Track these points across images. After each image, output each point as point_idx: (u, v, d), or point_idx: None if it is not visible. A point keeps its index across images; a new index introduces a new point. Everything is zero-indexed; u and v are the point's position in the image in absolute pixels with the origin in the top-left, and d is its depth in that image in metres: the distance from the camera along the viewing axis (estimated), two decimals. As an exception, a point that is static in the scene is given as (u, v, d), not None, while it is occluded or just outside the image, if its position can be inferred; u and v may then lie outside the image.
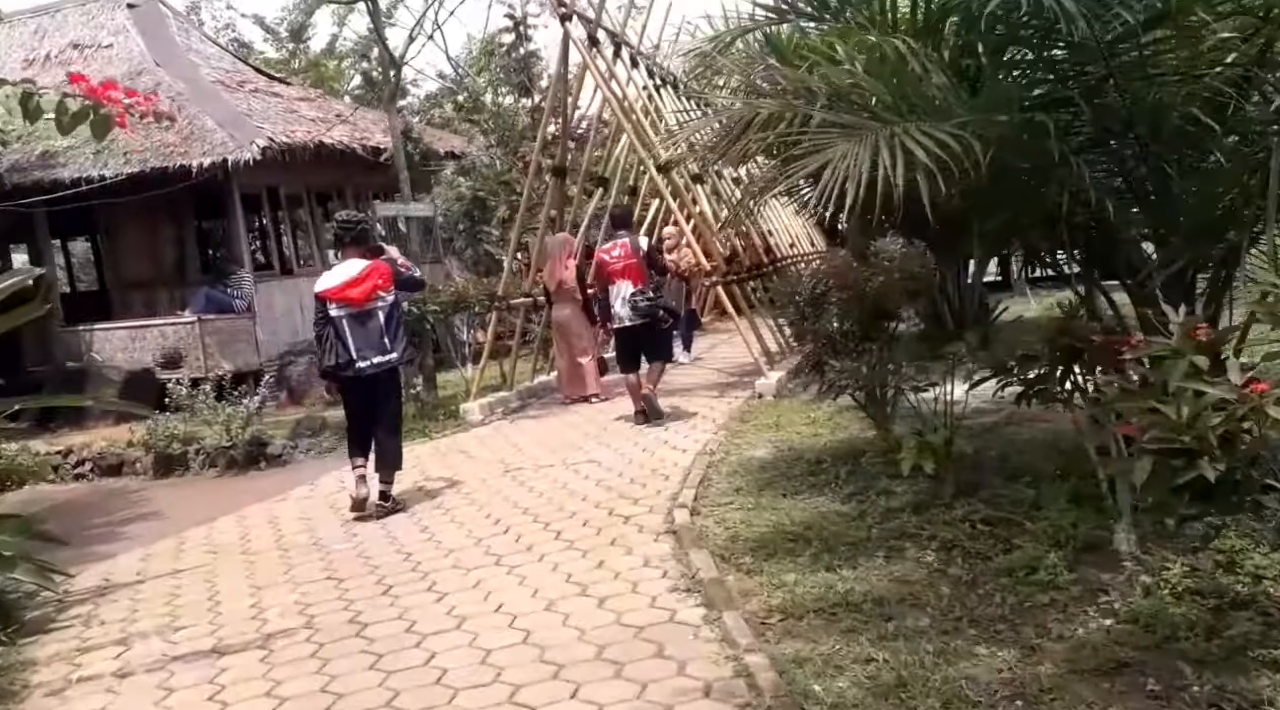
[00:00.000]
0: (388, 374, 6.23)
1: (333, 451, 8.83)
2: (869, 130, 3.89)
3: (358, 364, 6.05)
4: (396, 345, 6.16)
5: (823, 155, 3.87)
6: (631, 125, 9.22)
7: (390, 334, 6.11)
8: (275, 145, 12.63)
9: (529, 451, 7.71)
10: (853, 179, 3.67)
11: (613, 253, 8.25)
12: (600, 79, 9.00)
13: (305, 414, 10.27)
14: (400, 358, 6.24)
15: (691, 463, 6.55)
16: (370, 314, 6.08)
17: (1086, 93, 4.12)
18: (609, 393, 9.65)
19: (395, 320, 6.18)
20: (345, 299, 6.07)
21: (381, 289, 6.15)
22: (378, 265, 6.21)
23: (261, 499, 7.43)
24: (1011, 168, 3.92)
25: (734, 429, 7.38)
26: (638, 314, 7.95)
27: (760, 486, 5.79)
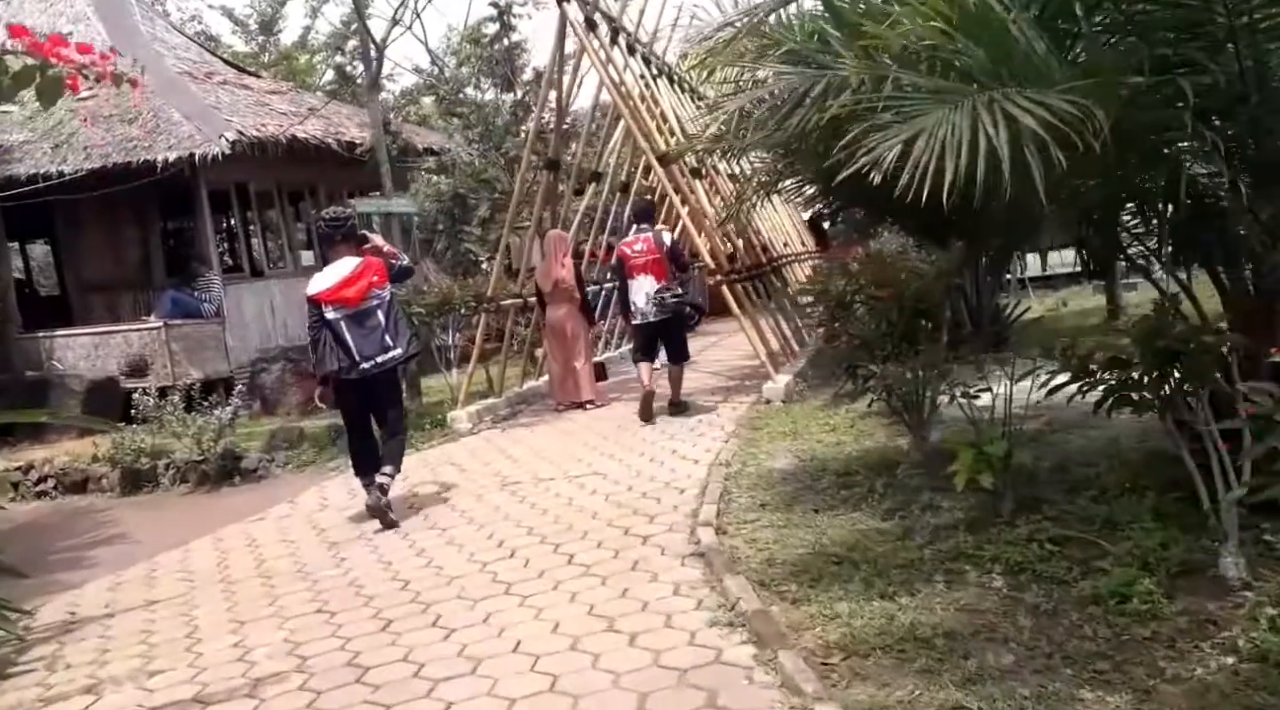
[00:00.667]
0: (389, 372, 5.97)
1: (311, 464, 8.27)
2: (962, 95, 3.42)
3: (361, 365, 5.79)
4: (399, 340, 5.91)
5: (913, 124, 3.39)
6: (629, 110, 8.73)
7: (391, 330, 5.87)
8: (245, 139, 12.01)
9: (526, 463, 7.20)
10: (952, 151, 3.20)
11: (635, 247, 8.07)
12: (598, 62, 8.51)
13: (280, 424, 9.69)
14: (405, 353, 5.99)
15: (707, 475, 6.08)
16: (368, 313, 5.83)
17: (1205, 53, 3.68)
18: (604, 399, 9.17)
19: (394, 315, 5.94)
20: (340, 300, 5.81)
21: (377, 286, 5.88)
22: (370, 261, 5.93)
23: (238, 518, 6.87)
24: (1124, 139, 3.43)
25: (746, 437, 6.92)
26: (663, 310, 7.87)
27: (787, 501, 5.33)
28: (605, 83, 8.64)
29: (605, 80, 8.62)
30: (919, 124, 3.37)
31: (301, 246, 15.44)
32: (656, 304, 7.92)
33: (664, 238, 8.30)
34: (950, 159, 3.19)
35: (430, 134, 16.78)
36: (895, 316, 4.95)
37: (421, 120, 20.19)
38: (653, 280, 7.97)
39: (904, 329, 5.02)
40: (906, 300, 4.99)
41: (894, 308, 4.95)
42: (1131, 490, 4.40)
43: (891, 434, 6.31)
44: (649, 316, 8.00)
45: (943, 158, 3.20)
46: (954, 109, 3.34)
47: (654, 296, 7.92)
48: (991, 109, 3.26)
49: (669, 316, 8.01)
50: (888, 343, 5.03)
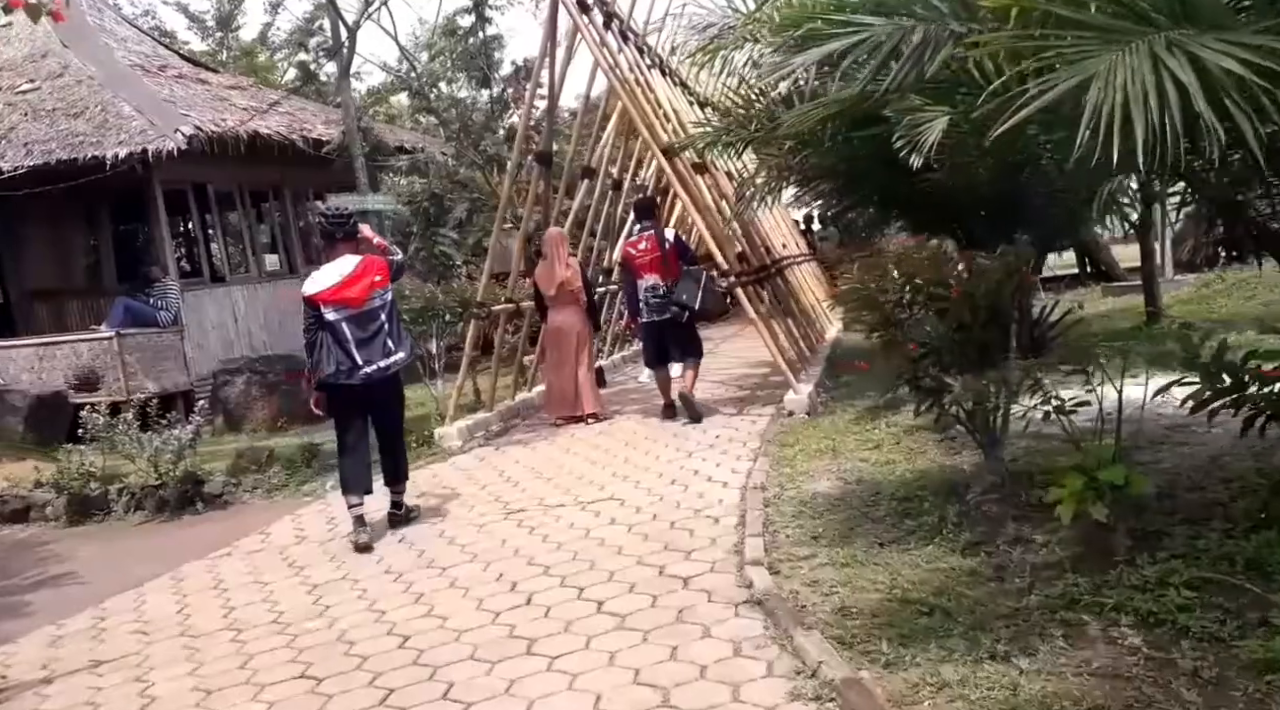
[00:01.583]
0: (391, 378, 5.67)
1: (283, 489, 7.44)
2: (1136, 36, 2.74)
3: (364, 369, 5.50)
4: (401, 344, 5.66)
5: (1075, 69, 2.71)
6: (628, 96, 8.01)
7: (394, 332, 5.62)
8: (202, 135, 11.17)
9: (529, 487, 6.45)
10: (1137, 102, 2.52)
11: (639, 246, 7.94)
12: (593, 45, 7.78)
13: (248, 443, 8.84)
14: (407, 357, 5.72)
15: (742, 500, 5.38)
16: (371, 314, 5.54)
17: None
18: (606, 411, 8.44)
19: (395, 317, 5.70)
20: (342, 300, 5.51)
21: (379, 286, 5.60)
22: (371, 260, 5.65)
23: (201, 552, 6.05)
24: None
25: (777, 455, 6.22)
26: (667, 308, 7.74)
27: (843, 532, 4.64)
28: (602, 65, 7.92)
29: (602, 63, 7.89)
30: (1085, 69, 2.68)
31: (265, 250, 14.54)
32: (657, 302, 7.84)
33: (666, 234, 8.09)
34: (1138, 111, 2.51)
35: (403, 132, 15.94)
36: (968, 320, 4.27)
37: (390, 119, 19.32)
38: (658, 278, 7.84)
39: (979, 335, 4.34)
40: (979, 301, 4.31)
41: (964, 310, 4.26)
42: (1267, 523, 3.76)
43: (944, 452, 5.65)
44: (654, 315, 7.89)
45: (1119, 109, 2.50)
46: (1128, 52, 2.66)
47: (657, 294, 7.84)
48: (1173, 53, 2.59)
49: (671, 315, 7.83)
50: (961, 350, 4.35)
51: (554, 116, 8.17)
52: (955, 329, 4.25)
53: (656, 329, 7.94)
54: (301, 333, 5.80)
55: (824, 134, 7.73)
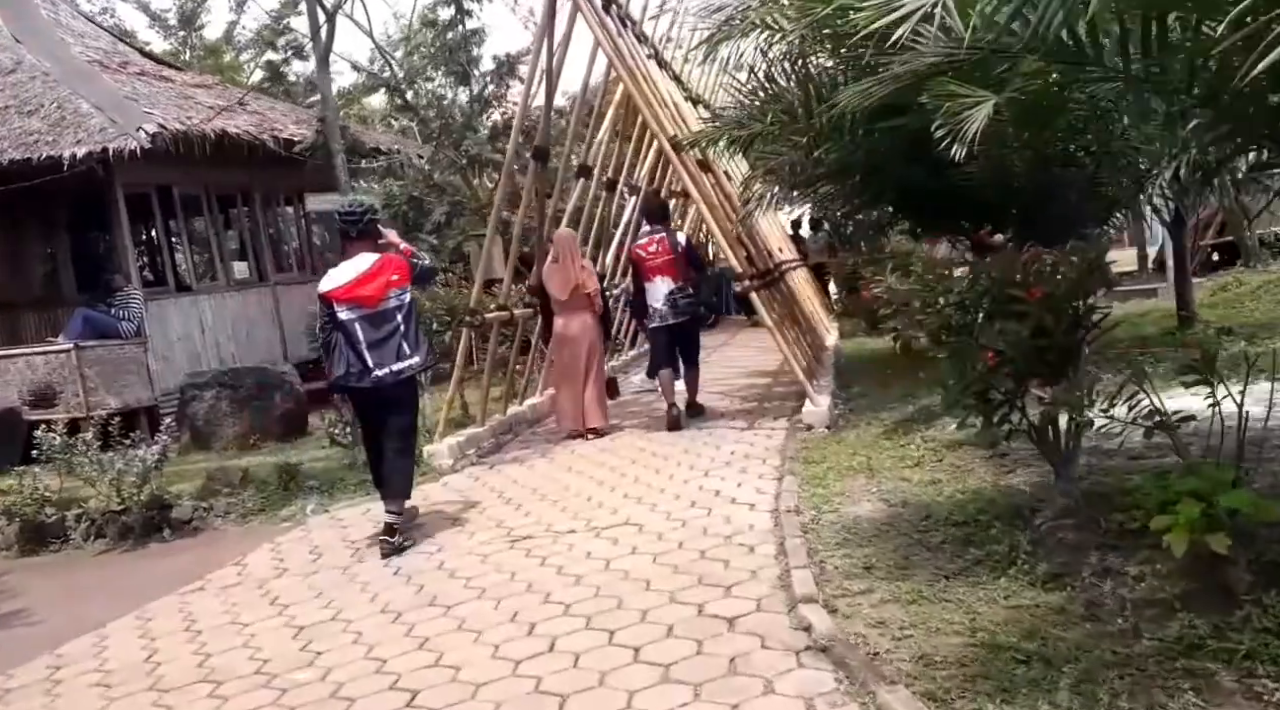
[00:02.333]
0: (404, 383, 5.45)
1: (259, 514, 6.82)
2: None
3: (375, 373, 5.33)
4: (417, 348, 5.45)
5: None
6: (634, 84, 7.50)
7: (409, 336, 5.41)
8: (167, 133, 10.49)
9: (532, 510, 5.90)
10: None
11: (649, 249, 7.77)
12: (595, 25, 7.25)
13: (218, 463, 8.20)
14: (422, 362, 5.51)
15: (776, 525, 4.87)
16: (385, 315, 5.37)
17: None
18: (608, 426, 7.91)
19: (413, 320, 5.49)
20: (356, 299, 5.37)
21: (396, 286, 5.42)
22: (390, 259, 5.47)
23: (170, 587, 5.44)
24: None
25: (805, 474, 5.72)
26: (678, 312, 7.68)
27: (898, 563, 4.15)
28: (603, 46, 7.38)
29: (603, 44, 7.36)
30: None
31: (234, 257, 13.84)
32: (671, 305, 7.70)
33: (679, 237, 8.06)
34: None
35: (377, 133, 15.33)
36: (1049, 324, 3.80)
37: (362, 122, 18.68)
38: (669, 281, 7.72)
39: (1062, 340, 3.87)
40: (1061, 302, 3.85)
41: (1045, 313, 3.80)
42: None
43: (995, 470, 5.18)
44: (667, 319, 7.75)
45: None
46: None
47: (668, 298, 7.69)
48: None
49: (685, 318, 7.81)
50: (1040, 358, 3.88)
51: (551, 103, 7.63)
52: (1035, 334, 3.77)
53: (668, 333, 7.82)
54: (317, 331, 5.80)
55: (846, 126, 7.32)
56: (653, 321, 7.85)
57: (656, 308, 7.73)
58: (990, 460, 5.33)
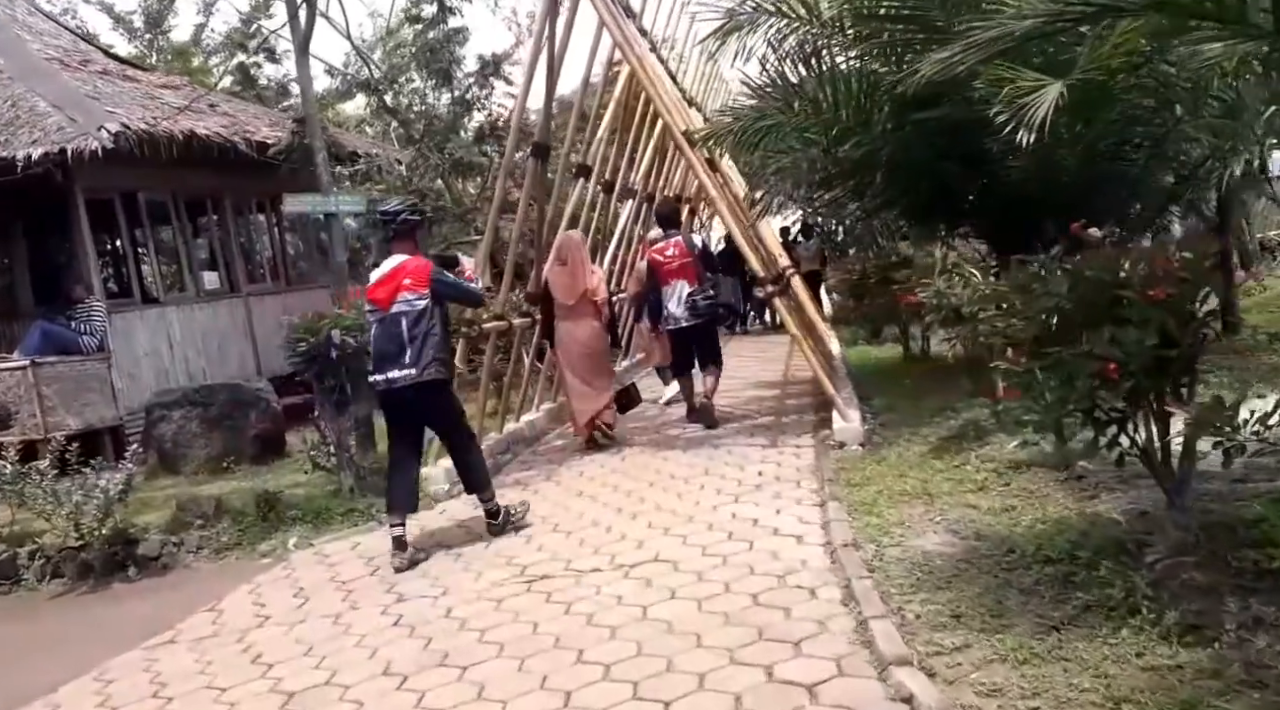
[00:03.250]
0: (421, 391, 5.22)
1: (235, 548, 6.14)
2: None
3: (375, 376, 5.29)
4: (419, 359, 5.16)
5: None
6: (640, 68, 6.91)
7: (415, 345, 5.17)
8: (131, 134, 9.76)
9: (545, 543, 5.27)
10: None
11: (666, 252, 7.66)
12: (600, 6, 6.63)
13: (189, 491, 7.49)
14: (419, 375, 5.17)
15: (833, 563, 4.27)
16: (393, 320, 5.23)
17: None
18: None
19: (422, 329, 5.21)
20: (373, 300, 5.35)
21: (408, 290, 5.21)
22: (408, 262, 5.28)
23: (135, 639, 4.77)
24: None
25: (851, 500, 5.12)
26: (696, 314, 7.62)
27: (991, 609, 3.55)
28: (611, 30, 6.79)
29: (612, 29, 6.77)
30: None
31: (203, 267, 13.05)
32: (689, 308, 7.61)
33: (695, 240, 8.01)
34: None
35: (355, 137, 14.64)
36: (1174, 330, 3.23)
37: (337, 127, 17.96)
38: (685, 285, 7.63)
39: (1187, 349, 3.30)
40: (1185, 305, 3.28)
41: (1170, 318, 3.23)
42: None
43: (1074, 495, 4.61)
44: (683, 321, 7.68)
45: None
46: None
47: (686, 301, 7.60)
48: None
49: (701, 321, 7.73)
50: (1162, 369, 3.31)
51: (552, 96, 7.02)
52: (1159, 344, 3.20)
53: (685, 335, 7.75)
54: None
55: (877, 118, 6.78)
56: (669, 325, 7.79)
57: (673, 311, 7.67)
58: (1064, 483, 4.76)
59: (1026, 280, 3.61)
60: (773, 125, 6.76)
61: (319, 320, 7.01)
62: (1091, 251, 3.61)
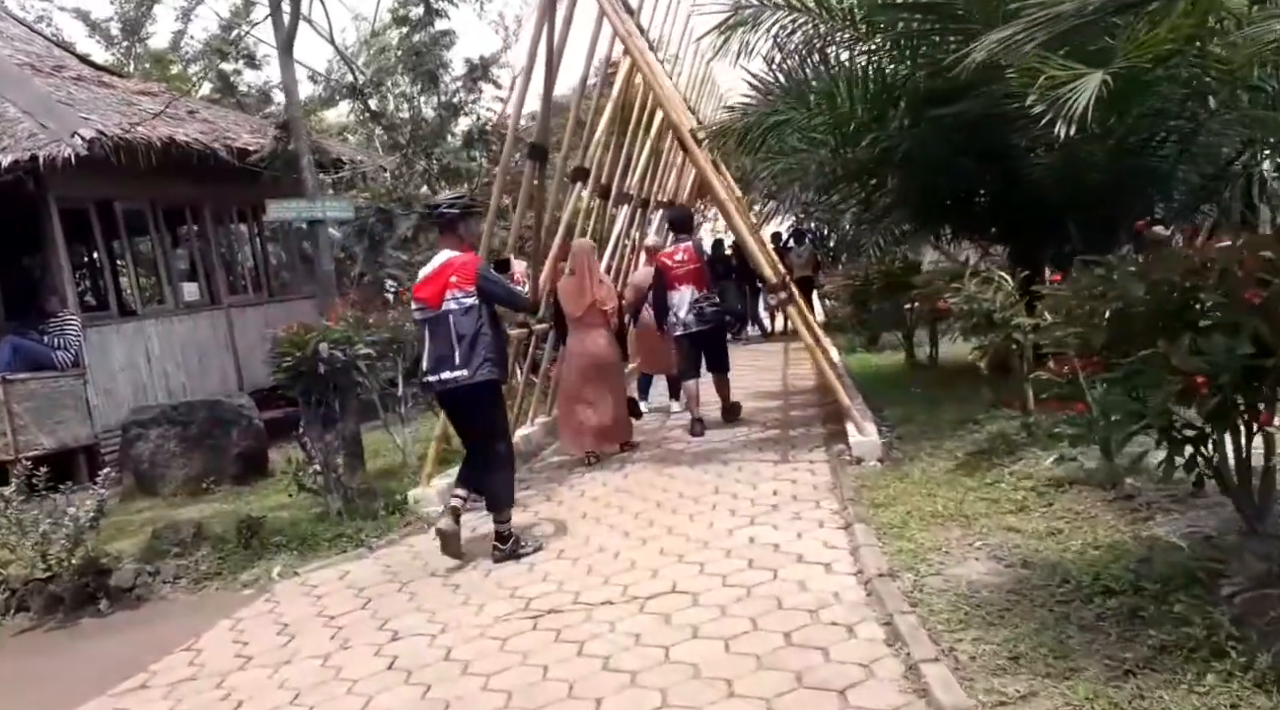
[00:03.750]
0: (467, 392, 5.06)
1: (215, 578, 5.72)
2: None
3: (428, 378, 5.13)
4: (471, 362, 4.98)
5: None
6: (639, 55, 6.57)
7: (465, 345, 4.98)
8: (107, 140, 9.37)
9: (550, 571, 4.89)
10: None
11: (676, 257, 7.67)
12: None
13: (166, 516, 7.07)
14: (471, 376, 5.00)
15: (869, 595, 3.91)
16: (440, 319, 5.05)
17: None
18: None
19: (472, 328, 5.01)
20: (420, 299, 5.19)
21: (455, 287, 5.02)
22: (455, 259, 5.08)
23: (104, 683, 4.37)
24: None
25: (877, 522, 4.77)
26: (703, 320, 7.63)
27: (1054, 649, 3.21)
28: (614, 23, 6.44)
29: (614, 22, 6.42)
30: None
31: (183, 278, 12.61)
32: (696, 314, 7.62)
33: (704, 246, 8.05)
34: None
35: (338, 144, 14.25)
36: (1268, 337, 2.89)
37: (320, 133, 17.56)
38: (694, 290, 7.66)
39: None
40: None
41: (1260, 323, 2.89)
42: None
43: (1123, 516, 4.27)
44: (691, 327, 7.67)
45: None
46: None
47: (693, 306, 7.62)
48: None
49: (709, 326, 7.75)
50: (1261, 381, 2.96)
51: (550, 94, 6.65)
52: (1255, 353, 2.86)
53: (692, 340, 7.76)
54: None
55: (893, 114, 6.47)
56: (676, 330, 7.76)
57: (681, 316, 7.66)
58: (1113, 503, 4.43)
59: (1092, 283, 3.27)
60: (782, 122, 6.43)
61: (305, 333, 6.65)
62: (1161, 250, 3.28)
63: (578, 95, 8.34)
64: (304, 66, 19.15)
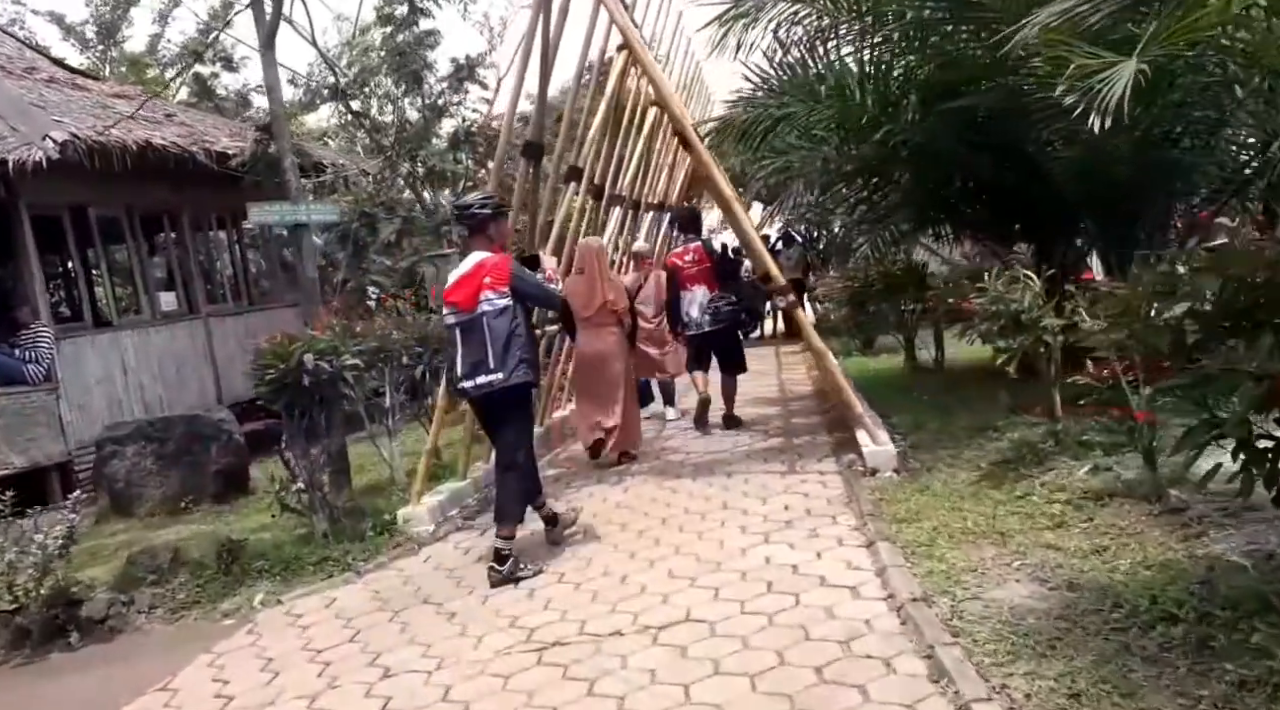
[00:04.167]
0: (502, 395, 4.92)
1: (194, 607, 5.35)
2: None
3: (462, 384, 4.97)
4: (505, 365, 4.85)
5: None
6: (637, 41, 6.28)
7: (498, 347, 4.86)
8: (80, 144, 9.00)
9: (552, 597, 4.56)
10: None
11: (685, 258, 7.66)
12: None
13: (141, 533, 6.71)
14: (506, 379, 4.87)
15: (903, 623, 3.60)
16: (474, 322, 4.91)
17: None
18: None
19: (506, 329, 4.89)
20: (453, 302, 5.03)
21: (489, 288, 4.89)
22: (488, 260, 4.96)
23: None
24: None
25: (902, 540, 4.45)
26: (718, 320, 7.58)
27: (1116, 685, 2.91)
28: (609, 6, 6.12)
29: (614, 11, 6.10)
30: None
31: (160, 287, 12.21)
32: (711, 314, 7.59)
33: (714, 246, 8.05)
34: None
35: (320, 148, 13.88)
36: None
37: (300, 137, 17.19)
38: (705, 290, 7.63)
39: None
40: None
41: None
42: None
43: (1177, 532, 3.97)
44: (704, 327, 7.65)
45: None
46: None
47: (708, 306, 7.59)
48: None
49: (723, 326, 7.69)
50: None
51: (546, 88, 6.33)
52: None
53: (706, 341, 7.75)
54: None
55: (905, 106, 6.18)
56: (689, 330, 7.73)
57: (694, 317, 7.63)
58: (1159, 518, 4.13)
59: (1156, 281, 2.97)
60: (789, 115, 6.14)
61: (289, 344, 6.30)
62: (1228, 245, 3.00)
63: (573, 92, 8.02)
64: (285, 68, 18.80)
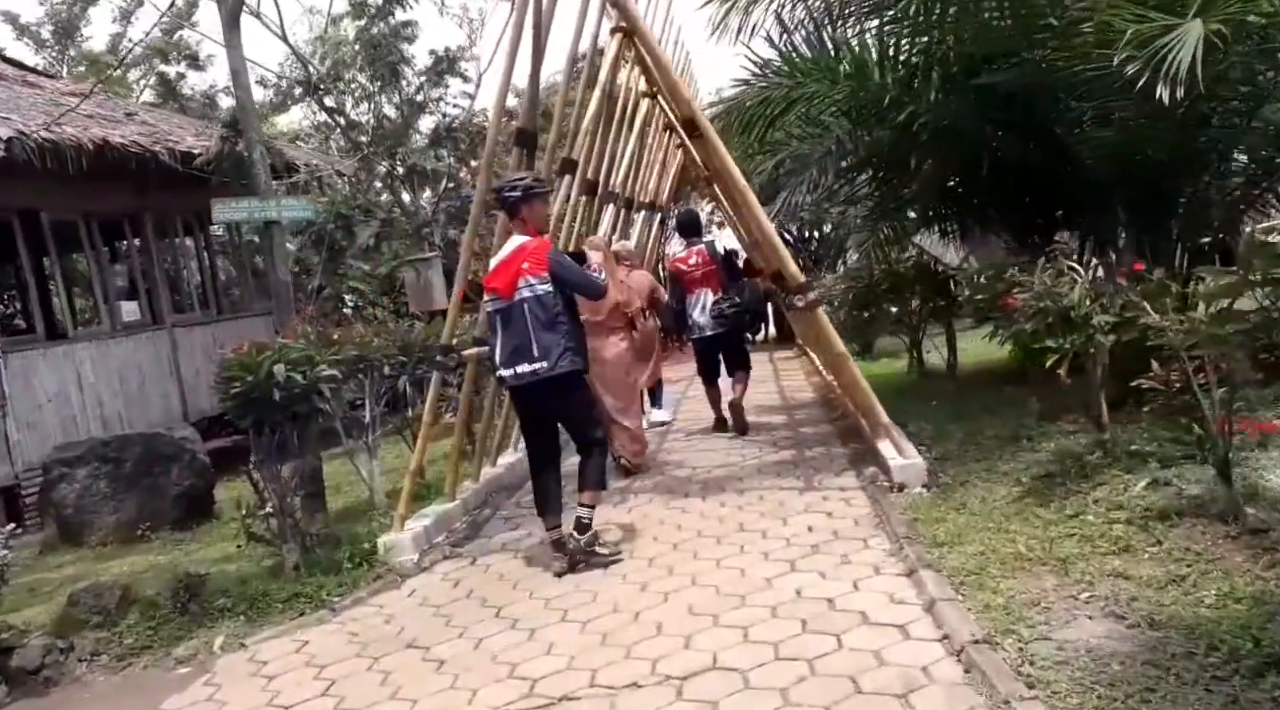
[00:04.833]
0: (555, 385, 4.73)
1: (145, 652, 4.74)
2: None
3: (502, 371, 4.84)
4: (550, 353, 4.68)
5: None
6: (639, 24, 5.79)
7: (538, 333, 4.69)
8: (27, 140, 8.39)
9: (555, 641, 4.00)
10: None
11: (689, 261, 7.62)
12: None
13: (91, 565, 6.09)
14: (551, 368, 4.69)
15: (967, 670, 3.09)
16: (515, 309, 4.76)
17: None
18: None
19: (548, 315, 4.72)
20: (493, 288, 4.88)
21: (529, 273, 4.73)
22: (529, 243, 4.81)
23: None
24: None
25: (948, 567, 3.92)
26: (723, 322, 7.45)
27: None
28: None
29: None
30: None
31: (121, 296, 11.54)
32: (715, 316, 7.45)
33: (717, 248, 7.83)
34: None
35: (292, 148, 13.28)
36: None
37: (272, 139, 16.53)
38: (710, 293, 7.54)
39: None
40: None
41: None
42: None
43: (1260, 556, 3.47)
44: (707, 330, 7.57)
45: None
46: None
47: (712, 309, 7.46)
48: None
49: (728, 328, 7.56)
50: None
51: (539, 72, 5.81)
52: None
53: (710, 344, 7.68)
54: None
55: (929, 85, 5.72)
56: (694, 334, 7.67)
57: (698, 320, 7.54)
58: (1237, 540, 3.64)
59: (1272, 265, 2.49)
60: (803, 96, 5.67)
61: (258, 354, 5.74)
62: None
63: (565, 79, 7.50)
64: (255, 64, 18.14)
